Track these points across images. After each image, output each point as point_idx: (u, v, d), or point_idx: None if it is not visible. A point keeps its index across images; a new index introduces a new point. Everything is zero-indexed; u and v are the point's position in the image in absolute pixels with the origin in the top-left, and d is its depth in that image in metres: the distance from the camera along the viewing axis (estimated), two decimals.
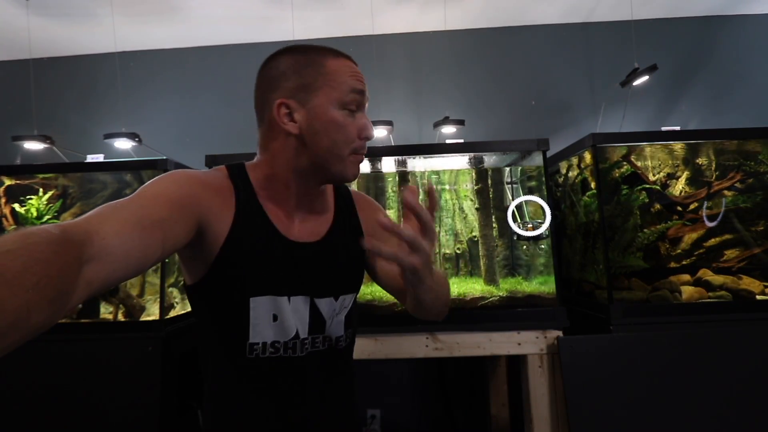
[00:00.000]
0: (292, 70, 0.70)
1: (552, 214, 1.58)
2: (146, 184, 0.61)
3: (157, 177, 0.64)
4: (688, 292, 1.60)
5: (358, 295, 0.83)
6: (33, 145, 2.16)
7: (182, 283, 0.97)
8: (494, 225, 1.82)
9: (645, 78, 2.02)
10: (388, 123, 2.11)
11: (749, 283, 1.63)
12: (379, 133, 2.19)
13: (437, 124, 2.14)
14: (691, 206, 1.77)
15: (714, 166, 1.83)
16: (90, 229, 0.46)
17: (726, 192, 1.77)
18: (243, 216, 0.69)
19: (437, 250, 1.99)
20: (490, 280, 1.74)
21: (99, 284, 0.45)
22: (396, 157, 1.72)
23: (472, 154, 1.73)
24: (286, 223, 0.73)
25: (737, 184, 1.76)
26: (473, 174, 1.88)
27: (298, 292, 0.72)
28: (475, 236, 1.95)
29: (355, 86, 0.70)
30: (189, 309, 1.82)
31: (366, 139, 0.72)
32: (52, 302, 0.37)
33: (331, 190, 0.82)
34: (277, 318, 0.70)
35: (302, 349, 0.72)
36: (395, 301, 1.58)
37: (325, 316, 0.74)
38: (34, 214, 1.81)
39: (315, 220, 0.77)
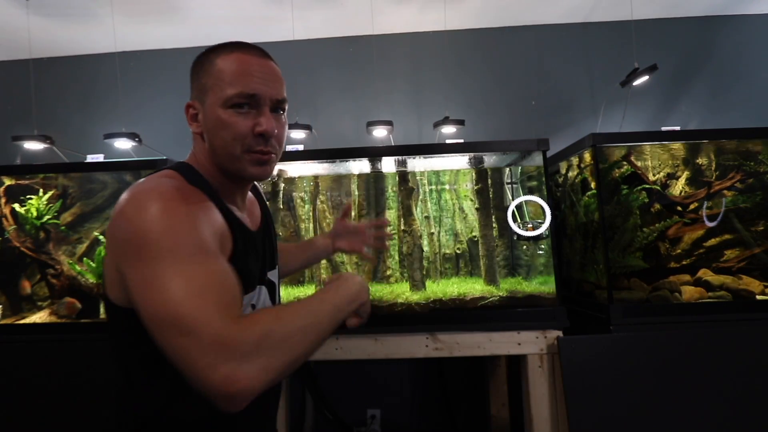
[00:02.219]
0: (195, 72, 0.72)
1: (552, 214, 1.58)
2: (165, 229, 0.57)
3: (169, 223, 0.57)
4: (688, 292, 1.60)
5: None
6: (33, 145, 2.16)
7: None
8: (494, 225, 1.82)
9: (645, 78, 2.02)
10: (388, 123, 2.11)
11: (749, 283, 1.63)
12: (379, 133, 2.19)
13: (437, 124, 2.14)
14: (691, 206, 1.77)
15: (714, 166, 1.83)
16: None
17: (726, 192, 1.77)
18: (229, 222, 0.69)
19: (437, 250, 1.99)
20: (490, 280, 1.74)
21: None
22: (396, 157, 1.72)
23: (472, 154, 1.73)
24: (241, 216, 0.77)
25: (737, 184, 1.76)
26: (473, 174, 1.88)
27: (264, 275, 0.79)
28: (475, 236, 1.95)
29: (243, 87, 0.67)
30: None
31: (260, 135, 0.69)
32: None
33: None
34: (254, 308, 0.75)
35: None
36: (395, 300, 1.58)
37: (275, 282, 0.84)
38: (34, 214, 1.81)
39: (252, 209, 0.85)
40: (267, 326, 0.55)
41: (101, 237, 1.79)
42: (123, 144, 2.24)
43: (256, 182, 0.90)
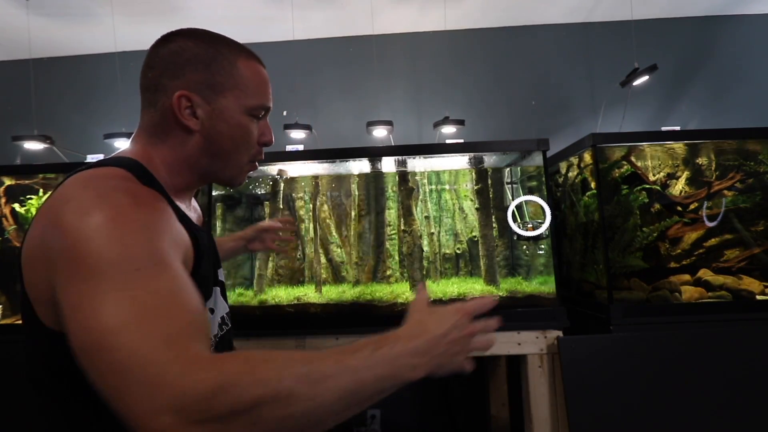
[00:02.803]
0: (199, 61, 0.64)
1: (552, 214, 1.58)
2: (110, 239, 0.46)
3: (111, 222, 0.47)
4: (688, 292, 1.60)
5: None
6: (33, 145, 2.16)
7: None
8: (494, 225, 1.82)
9: (645, 78, 2.02)
10: (388, 123, 2.11)
11: (749, 283, 1.63)
12: (379, 133, 2.19)
13: (437, 124, 2.14)
14: (691, 206, 1.77)
15: (714, 166, 1.83)
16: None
17: (726, 192, 1.77)
18: (186, 225, 0.62)
19: (437, 250, 1.99)
20: (490, 280, 1.74)
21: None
22: (396, 157, 1.72)
23: (472, 154, 1.73)
24: (190, 215, 0.70)
25: (737, 184, 1.76)
26: (473, 174, 1.88)
27: (217, 275, 0.75)
28: (475, 236, 1.95)
29: (266, 100, 0.69)
30: None
31: (264, 145, 0.72)
32: None
33: None
34: (213, 311, 0.70)
35: (226, 324, 0.75)
36: (395, 300, 1.58)
37: (224, 282, 0.80)
38: (34, 214, 1.81)
39: (196, 208, 0.80)
40: (232, 377, 0.39)
41: None
42: (123, 144, 2.24)
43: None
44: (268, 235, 1.20)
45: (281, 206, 1.92)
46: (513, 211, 1.67)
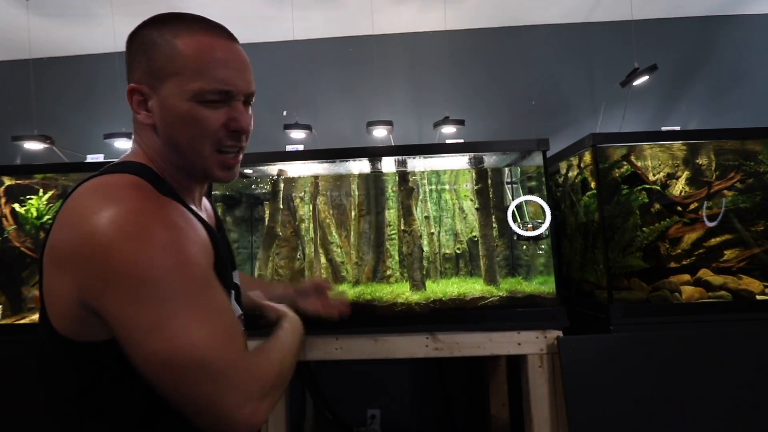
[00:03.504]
0: (142, 50, 0.59)
1: (552, 214, 1.58)
2: (162, 262, 0.49)
3: (153, 242, 0.49)
4: (688, 292, 1.60)
5: None
6: (33, 145, 2.16)
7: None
8: (494, 225, 1.82)
9: (645, 78, 2.02)
10: (388, 123, 2.11)
11: (749, 283, 1.63)
12: (379, 133, 2.19)
13: (437, 124, 2.14)
14: (691, 206, 1.77)
15: (714, 166, 1.83)
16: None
17: (726, 192, 1.77)
18: (206, 226, 0.62)
19: (437, 250, 1.99)
20: (490, 280, 1.74)
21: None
22: (396, 157, 1.72)
23: (472, 154, 1.73)
24: (205, 218, 0.67)
25: (737, 184, 1.76)
26: (473, 174, 1.88)
27: (232, 278, 0.73)
28: (475, 236, 1.95)
29: (214, 81, 0.57)
30: None
31: (235, 131, 0.60)
32: None
33: None
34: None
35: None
36: (395, 300, 1.59)
37: (240, 286, 0.77)
38: (34, 214, 1.81)
39: (208, 208, 0.77)
40: (279, 365, 0.60)
41: None
42: (123, 144, 2.24)
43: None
44: (320, 298, 1.00)
45: (281, 206, 1.92)
46: (513, 211, 1.67)
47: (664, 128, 1.65)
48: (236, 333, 0.55)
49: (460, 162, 1.86)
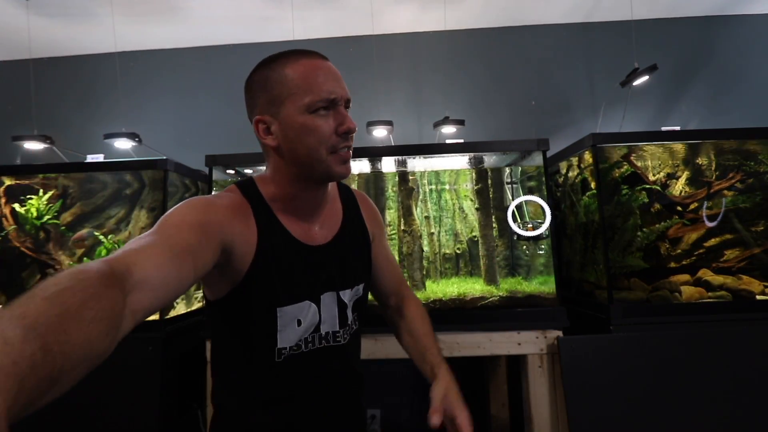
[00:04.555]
0: (261, 86, 0.72)
1: (552, 214, 1.58)
2: (167, 214, 0.63)
3: (176, 206, 0.65)
4: (688, 292, 1.60)
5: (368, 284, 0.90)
6: (33, 145, 2.16)
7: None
8: (494, 225, 1.82)
9: (645, 78, 2.02)
10: (388, 123, 2.11)
11: (749, 283, 1.63)
12: (379, 133, 2.19)
13: (437, 124, 2.14)
14: (691, 206, 1.77)
15: (714, 166, 1.83)
16: (129, 262, 0.49)
17: (726, 192, 1.77)
18: (265, 232, 0.71)
19: (437, 250, 1.99)
20: (490, 280, 1.74)
21: (142, 313, 0.49)
22: (396, 157, 1.72)
23: (472, 154, 1.73)
24: (303, 229, 0.76)
25: (737, 184, 1.76)
26: (473, 174, 1.88)
27: (326, 289, 0.77)
28: (475, 236, 1.95)
29: (320, 92, 0.69)
30: (189, 309, 1.82)
31: (345, 133, 0.71)
32: (107, 333, 0.41)
33: (335, 188, 0.87)
34: (300, 323, 0.74)
35: (327, 340, 0.78)
36: None
37: (347, 304, 0.81)
38: (34, 214, 1.81)
39: (328, 221, 0.81)
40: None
41: (102, 237, 1.79)
42: (123, 144, 2.24)
43: (361, 193, 0.93)
44: (451, 423, 0.82)
45: None
46: (513, 211, 1.67)
47: (664, 128, 1.65)
48: (143, 248, 0.54)
49: (460, 162, 1.85)
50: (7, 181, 1.83)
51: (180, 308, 1.81)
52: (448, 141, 1.78)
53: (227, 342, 0.76)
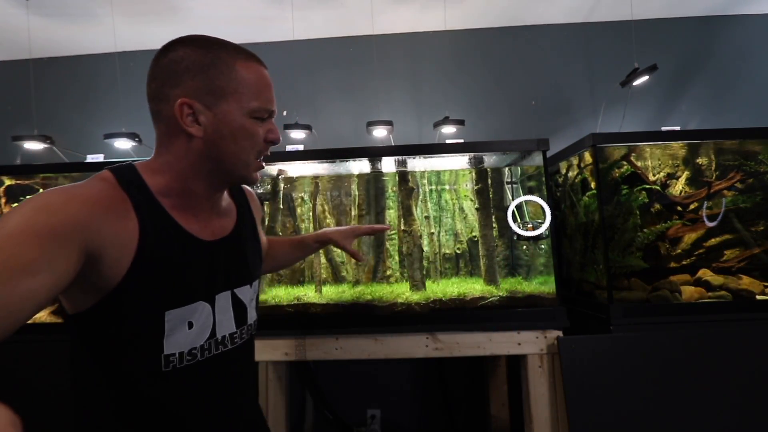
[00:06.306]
0: (197, 68, 0.65)
1: (552, 214, 1.58)
2: (7, 215, 0.52)
3: (21, 206, 0.53)
4: (688, 292, 1.60)
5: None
6: (33, 145, 2.16)
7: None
8: (494, 225, 1.82)
9: (645, 78, 2.02)
10: (388, 123, 2.11)
11: (749, 283, 1.63)
12: (379, 133, 2.19)
13: (437, 124, 2.14)
14: (691, 206, 1.77)
15: (714, 166, 1.83)
16: None
17: (726, 192, 1.77)
18: (151, 230, 0.63)
19: (437, 250, 1.99)
20: (490, 280, 1.74)
21: None
22: (396, 157, 1.72)
23: (472, 154, 1.73)
24: (198, 225, 0.71)
25: (737, 184, 1.76)
26: (473, 174, 1.88)
27: (222, 288, 0.73)
28: (475, 236, 1.95)
29: (268, 103, 0.70)
30: None
31: (271, 143, 0.72)
32: None
33: None
34: (192, 325, 0.67)
35: (224, 345, 0.72)
36: (395, 300, 1.59)
37: (246, 303, 0.78)
38: None
39: (223, 216, 0.78)
40: None
41: None
42: (123, 144, 2.24)
43: (248, 188, 0.89)
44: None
45: (281, 206, 1.91)
46: (513, 211, 1.67)
47: (664, 128, 1.65)
48: None
49: (460, 162, 1.86)
50: (7, 181, 1.83)
51: None
52: (448, 141, 1.78)
53: (96, 360, 0.64)
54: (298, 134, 2.24)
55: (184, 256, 0.67)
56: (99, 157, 1.75)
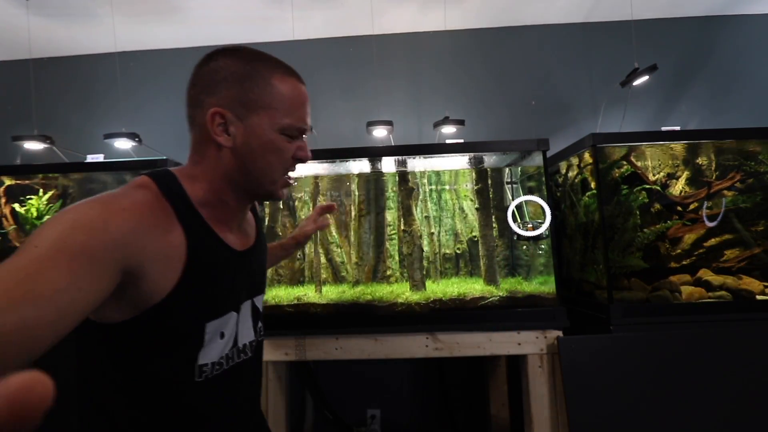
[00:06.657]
0: (234, 78, 0.65)
1: (552, 214, 1.58)
2: (40, 231, 0.47)
3: (61, 214, 0.49)
4: (688, 292, 1.60)
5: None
6: (33, 145, 2.16)
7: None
8: (494, 225, 1.82)
9: (645, 78, 2.02)
10: (388, 123, 2.11)
11: (749, 283, 1.63)
12: (379, 133, 2.19)
13: (437, 124, 2.14)
14: (691, 206, 1.77)
15: (714, 166, 1.83)
16: None
17: (726, 192, 1.77)
18: (197, 243, 0.62)
19: (437, 250, 1.99)
20: (490, 280, 1.74)
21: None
22: (396, 157, 1.72)
23: (472, 154, 1.73)
24: (233, 236, 0.72)
25: (737, 184, 1.76)
26: (473, 174, 1.88)
27: (246, 297, 0.74)
28: (475, 236, 1.95)
29: (301, 121, 0.69)
30: None
31: (300, 161, 0.72)
32: None
33: None
34: (223, 335, 0.67)
35: (245, 353, 0.73)
36: (395, 300, 1.59)
37: (261, 311, 0.80)
38: (34, 214, 1.81)
39: (248, 226, 0.80)
40: None
41: None
42: (123, 144, 2.24)
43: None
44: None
45: (281, 206, 1.91)
46: (513, 211, 1.67)
47: (664, 128, 1.65)
48: (28, 308, 0.41)
49: (460, 162, 1.86)
50: (7, 181, 1.83)
51: None
52: (448, 141, 1.78)
53: (118, 368, 0.60)
54: None
55: (226, 268, 0.67)
56: (99, 157, 1.75)
